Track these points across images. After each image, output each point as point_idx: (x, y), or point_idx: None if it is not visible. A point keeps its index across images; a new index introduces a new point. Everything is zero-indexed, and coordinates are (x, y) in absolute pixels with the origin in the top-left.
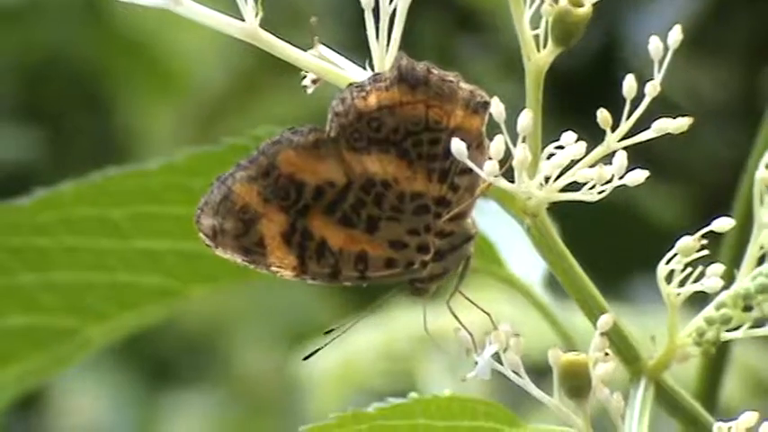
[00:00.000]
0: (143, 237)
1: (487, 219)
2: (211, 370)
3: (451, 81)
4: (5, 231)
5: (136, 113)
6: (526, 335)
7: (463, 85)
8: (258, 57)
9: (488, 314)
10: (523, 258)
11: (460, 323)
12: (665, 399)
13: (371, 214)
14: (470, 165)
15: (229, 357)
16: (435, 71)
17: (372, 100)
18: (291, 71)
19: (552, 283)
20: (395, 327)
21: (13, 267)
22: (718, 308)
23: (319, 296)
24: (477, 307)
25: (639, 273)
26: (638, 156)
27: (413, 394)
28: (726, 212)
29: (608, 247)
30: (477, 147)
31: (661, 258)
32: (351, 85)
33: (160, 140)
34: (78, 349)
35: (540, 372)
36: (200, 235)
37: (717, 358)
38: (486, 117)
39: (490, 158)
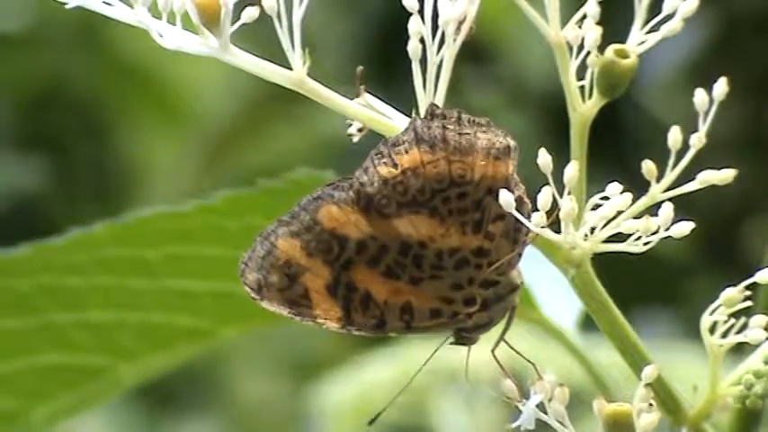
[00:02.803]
0: (177, 277)
1: (520, 262)
2: (214, 399)
3: (468, 133)
4: (39, 270)
5: (141, 143)
6: (546, 366)
7: (480, 134)
8: (267, 86)
9: (533, 363)
10: (556, 301)
11: (506, 373)
12: None
13: (413, 275)
14: (519, 216)
15: (232, 386)
16: (450, 126)
17: (394, 164)
18: (301, 101)
19: (582, 323)
20: (410, 360)
21: (45, 306)
22: (766, 361)
23: None
24: (522, 357)
25: (639, 305)
26: (640, 188)
27: None
28: (729, 245)
29: (607, 279)
30: (509, 192)
31: (661, 290)
32: (371, 153)
33: (167, 170)
34: (109, 388)
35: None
36: (246, 288)
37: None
38: (513, 160)
39: (537, 210)
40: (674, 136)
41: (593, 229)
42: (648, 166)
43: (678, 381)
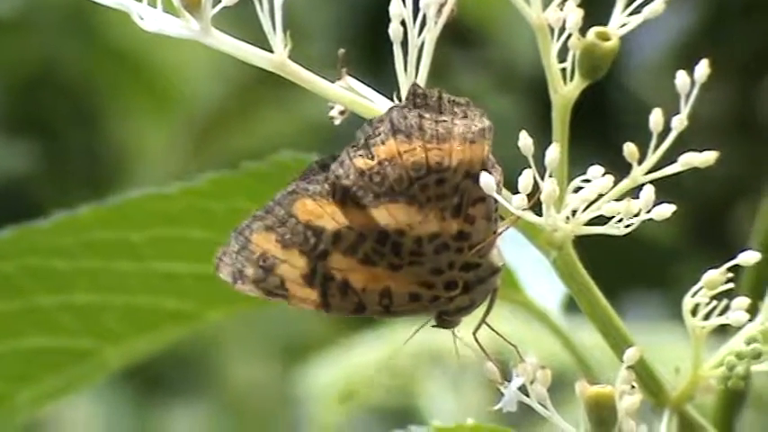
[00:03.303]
0: (162, 260)
1: (504, 244)
2: (202, 382)
3: (445, 120)
4: (24, 253)
5: (130, 128)
6: (530, 348)
7: (458, 120)
8: (254, 70)
9: (515, 346)
10: (540, 283)
11: (487, 355)
12: (688, 429)
13: (392, 262)
14: (500, 199)
15: (220, 370)
16: (427, 114)
17: (370, 156)
18: (288, 85)
19: (567, 305)
20: (396, 342)
21: (30, 289)
22: (748, 342)
23: None
24: (504, 339)
25: (627, 288)
26: (625, 168)
27: (435, 422)
28: (717, 228)
29: (595, 262)
30: (484, 170)
31: (648, 273)
32: (347, 146)
33: (156, 154)
34: (94, 371)
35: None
36: (221, 278)
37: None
38: (488, 140)
39: (518, 192)
40: (656, 118)
41: (574, 212)
42: (630, 149)
43: (664, 363)
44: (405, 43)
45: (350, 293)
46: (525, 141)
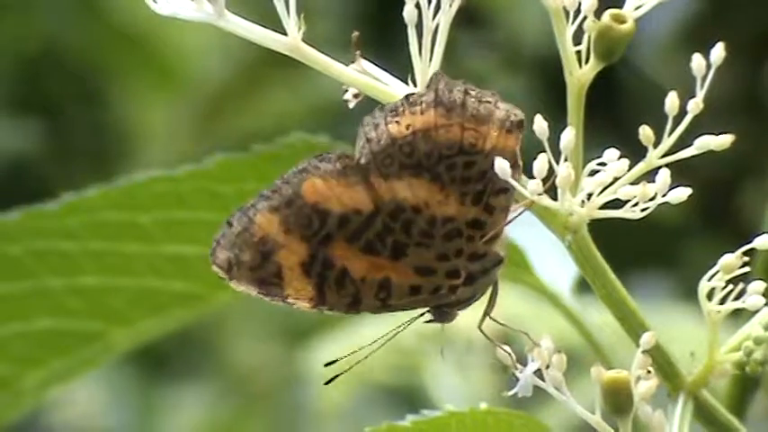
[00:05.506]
0: (171, 242)
1: (516, 226)
2: (207, 363)
3: (489, 101)
4: (32, 235)
5: (134, 106)
6: (536, 327)
7: (500, 104)
8: (258, 50)
9: (526, 333)
10: (551, 265)
11: (496, 344)
12: (703, 413)
13: (399, 240)
14: (514, 184)
15: (224, 350)
16: (473, 92)
17: (406, 124)
18: (291, 65)
19: (578, 284)
20: (402, 321)
21: (39, 271)
22: (766, 327)
23: None
24: (512, 329)
25: (633, 266)
26: (635, 149)
27: (448, 407)
28: (723, 206)
29: (603, 241)
30: (512, 166)
31: (656, 252)
32: (383, 107)
33: (159, 133)
34: (102, 353)
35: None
36: (214, 268)
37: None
38: (521, 135)
39: (533, 177)
40: (672, 101)
41: (589, 195)
42: (646, 132)
43: (673, 341)
44: (418, 26)
45: (347, 284)
46: (540, 125)
